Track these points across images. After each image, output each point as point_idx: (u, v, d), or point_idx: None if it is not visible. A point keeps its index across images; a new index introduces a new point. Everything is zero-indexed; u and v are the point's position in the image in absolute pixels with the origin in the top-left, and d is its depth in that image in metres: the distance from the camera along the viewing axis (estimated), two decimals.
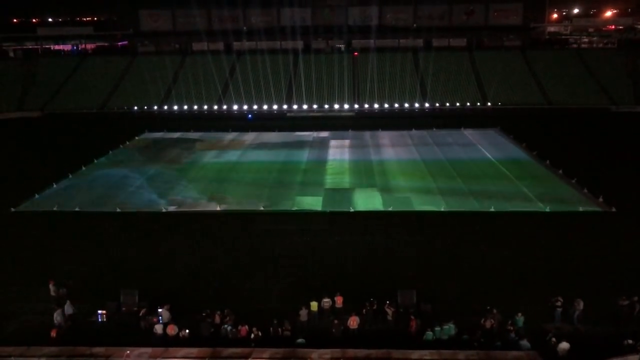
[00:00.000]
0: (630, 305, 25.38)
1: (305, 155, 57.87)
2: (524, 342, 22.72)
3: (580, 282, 28.75)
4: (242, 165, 54.41)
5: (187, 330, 24.20)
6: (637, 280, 28.60)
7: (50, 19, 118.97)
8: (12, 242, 35.96)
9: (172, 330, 24.40)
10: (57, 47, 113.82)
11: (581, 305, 25.19)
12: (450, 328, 23.86)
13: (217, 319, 25.00)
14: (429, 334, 23.82)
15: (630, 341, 22.18)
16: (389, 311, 25.38)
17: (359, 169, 52.12)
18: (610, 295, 26.38)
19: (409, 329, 24.14)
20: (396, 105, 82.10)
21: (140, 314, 25.54)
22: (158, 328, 24.52)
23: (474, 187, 45.63)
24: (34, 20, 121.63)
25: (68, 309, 26.00)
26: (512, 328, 23.71)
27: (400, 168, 52.12)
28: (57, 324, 25.08)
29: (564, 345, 22.17)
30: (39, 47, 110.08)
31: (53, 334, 24.47)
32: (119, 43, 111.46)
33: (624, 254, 32.52)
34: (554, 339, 22.64)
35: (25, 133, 72.69)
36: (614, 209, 39.80)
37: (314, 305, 26.12)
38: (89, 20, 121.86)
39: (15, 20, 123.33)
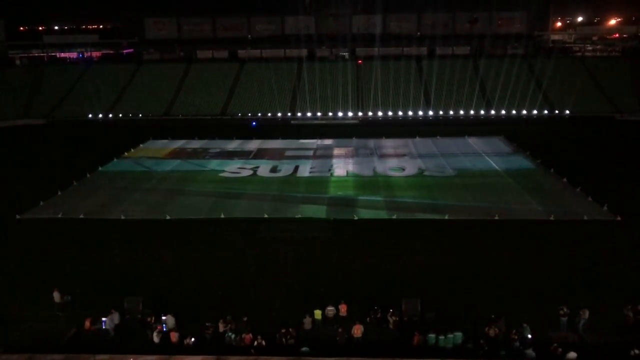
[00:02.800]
0: (636, 314, 25.23)
1: (309, 162, 58.02)
2: (529, 352, 22.62)
3: (586, 291, 28.59)
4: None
5: (192, 338, 24.16)
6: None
7: (56, 27, 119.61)
8: (16, 249, 36.02)
9: (174, 337, 24.37)
10: (62, 54, 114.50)
11: (587, 314, 25.05)
12: (457, 336, 23.75)
13: (221, 327, 24.97)
14: (431, 337, 23.74)
15: (636, 351, 22.00)
16: (391, 320, 25.33)
17: (362, 177, 52.09)
18: (616, 304, 26.23)
19: (411, 343, 24.01)
20: (400, 113, 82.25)
21: (152, 322, 25.35)
22: (155, 337, 24.45)
23: (476, 195, 45.64)
24: (40, 28, 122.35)
25: (115, 318, 25.85)
26: (516, 337, 23.60)
27: (404, 176, 52.08)
28: (110, 330, 25.28)
29: (572, 355, 22.05)
30: (44, 55, 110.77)
31: (87, 324, 25.25)
32: (125, 51, 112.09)
33: (629, 263, 32.34)
34: (559, 349, 22.52)
35: (31, 140, 73.06)
36: (618, 218, 39.64)
37: (317, 313, 26.04)
38: (94, 28, 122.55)
39: (21, 29, 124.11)
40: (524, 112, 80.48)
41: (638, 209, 41.12)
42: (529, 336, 23.94)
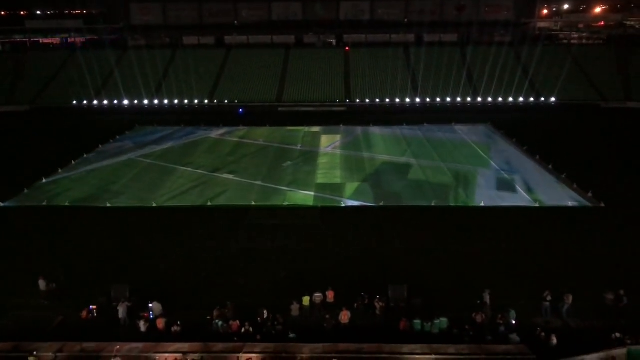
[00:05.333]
0: (617, 298, 25.66)
1: (297, 150, 57.98)
2: (514, 336, 22.98)
3: (570, 277, 29.01)
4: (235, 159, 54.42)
5: (178, 322, 24.18)
6: (626, 274, 28.92)
7: (39, 12, 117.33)
8: (0, 238, 35.65)
9: (160, 324, 24.35)
10: (46, 40, 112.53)
11: (570, 299, 25.44)
12: (442, 322, 24.03)
13: (215, 315, 24.99)
14: (417, 323, 23.99)
15: (618, 334, 22.47)
16: (378, 306, 25.52)
17: (350, 164, 52.15)
18: (599, 290, 26.66)
19: (398, 328, 24.21)
20: (387, 100, 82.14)
21: (142, 320, 24.96)
22: (142, 325, 24.42)
23: (463, 182, 45.94)
24: (22, 12, 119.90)
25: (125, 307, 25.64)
26: (501, 322, 23.93)
27: (391, 163, 52.23)
28: (122, 319, 25.11)
29: (553, 340, 22.45)
30: (27, 40, 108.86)
31: (84, 314, 25.34)
32: (109, 37, 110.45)
33: (613, 249, 32.83)
34: (542, 333, 22.89)
35: (14, 127, 72.01)
36: (602, 204, 40.15)
37: (306, 300, 26.18)
38: (78, 13, 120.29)
39: (2, 13, 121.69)
40: (511, 99, 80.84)
41: (621, 195, 41.73)
42: (514, 321, 24.29)
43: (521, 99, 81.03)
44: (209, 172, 49.93)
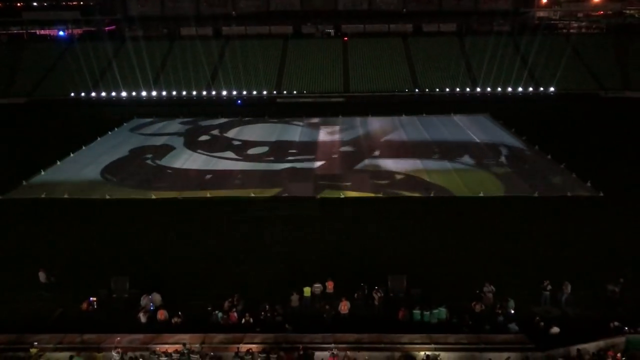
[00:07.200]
0: (617, 287, 25.70)
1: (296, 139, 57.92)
2: (512, 326, 23.06)
3: (568, 266, 29.04)
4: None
5: (179, 313, 24.22)
6: (624, 264, 28.96)
7: (35, 3, 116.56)
8: (0, 231, 35.64)
9: (162, 315, 24.38)
10: (43, 32, 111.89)
11: (569, 288, 25.49)
12: (441, 312, 24.10)
13: (226, 306, 25.04)
14: (417, 313, 24.08)
15: (616, 323, 22.56)
16: (376, 296, 25.57)
17: (348, 154, 52.09)
18: (597, 279, 26.72)
19: (397, 317, 24.31)
20: (386, 90, 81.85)
21: (142, 312, 24.94)
22: (142, 317, 24.42)
23: (462, 171, 45.94)
24: (18, 4, 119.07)
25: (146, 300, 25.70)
26: (500, 312, 24.01)
27: (390, 154, 52.18)
28: (144, 308, 24.99)
29: (555, 329, 22.54)
30: (24, 32, 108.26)
31: (84, 306, 25.24)
32: (107, 28, 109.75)
33: (611, 238, 32.86)
34: (541, 323, 22.97)
35: (12, 119, 71.81)
36: (601, 194, 40.18)
37: (307, 290, 26.20)
38: (75, 4, 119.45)
39: None
40: (510, 89, 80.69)
41: (620, 184, 41.73)
42: (512, 311, 24.36)
43: (520, 89, 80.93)
44: (209, 159, 49.94)
